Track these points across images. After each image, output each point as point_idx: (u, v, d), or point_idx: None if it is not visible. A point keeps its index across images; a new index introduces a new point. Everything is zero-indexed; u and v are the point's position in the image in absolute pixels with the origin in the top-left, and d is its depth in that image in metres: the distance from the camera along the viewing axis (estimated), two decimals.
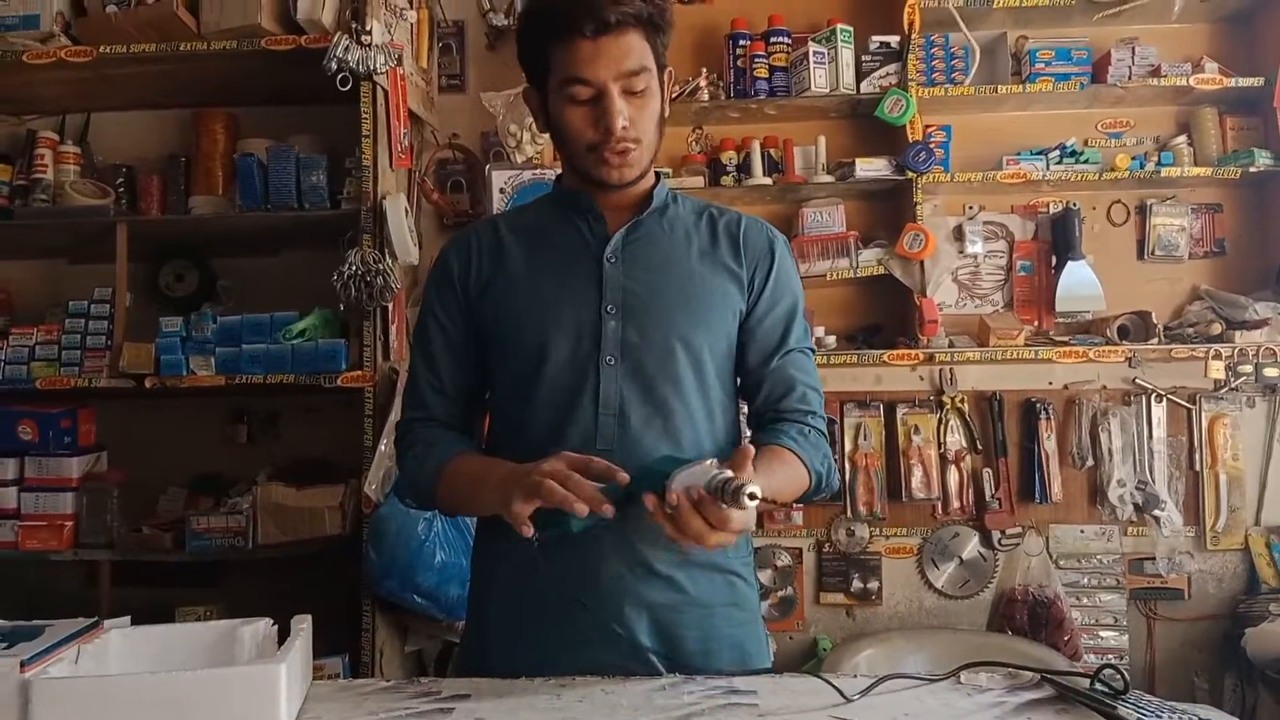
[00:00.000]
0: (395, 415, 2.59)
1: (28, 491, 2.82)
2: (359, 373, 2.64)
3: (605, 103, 1.34)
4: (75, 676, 1.09)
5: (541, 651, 1.36)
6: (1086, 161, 3.03)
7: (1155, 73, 2.98)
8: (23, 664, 1.01)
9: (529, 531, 1.18)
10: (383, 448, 2.56)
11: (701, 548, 1.16)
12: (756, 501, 1.09)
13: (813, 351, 1.54)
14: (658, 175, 1.51)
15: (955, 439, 3.07)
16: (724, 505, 1.10)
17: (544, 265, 1.46)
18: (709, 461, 1.14)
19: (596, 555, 1.35)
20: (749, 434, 1.51)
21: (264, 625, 1.28)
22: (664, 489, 1.13)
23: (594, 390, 1.38)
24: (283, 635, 1.22)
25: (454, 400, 1.51)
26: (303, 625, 1.21)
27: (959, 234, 3.11)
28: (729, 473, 1.11)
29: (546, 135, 2.73)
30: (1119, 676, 1.14)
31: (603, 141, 1.36)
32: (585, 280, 1.42)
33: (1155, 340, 2.91)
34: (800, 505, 3.02)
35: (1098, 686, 1.15)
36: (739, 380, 1.51)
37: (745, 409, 1.54)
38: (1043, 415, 3.05)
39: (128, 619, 1.25)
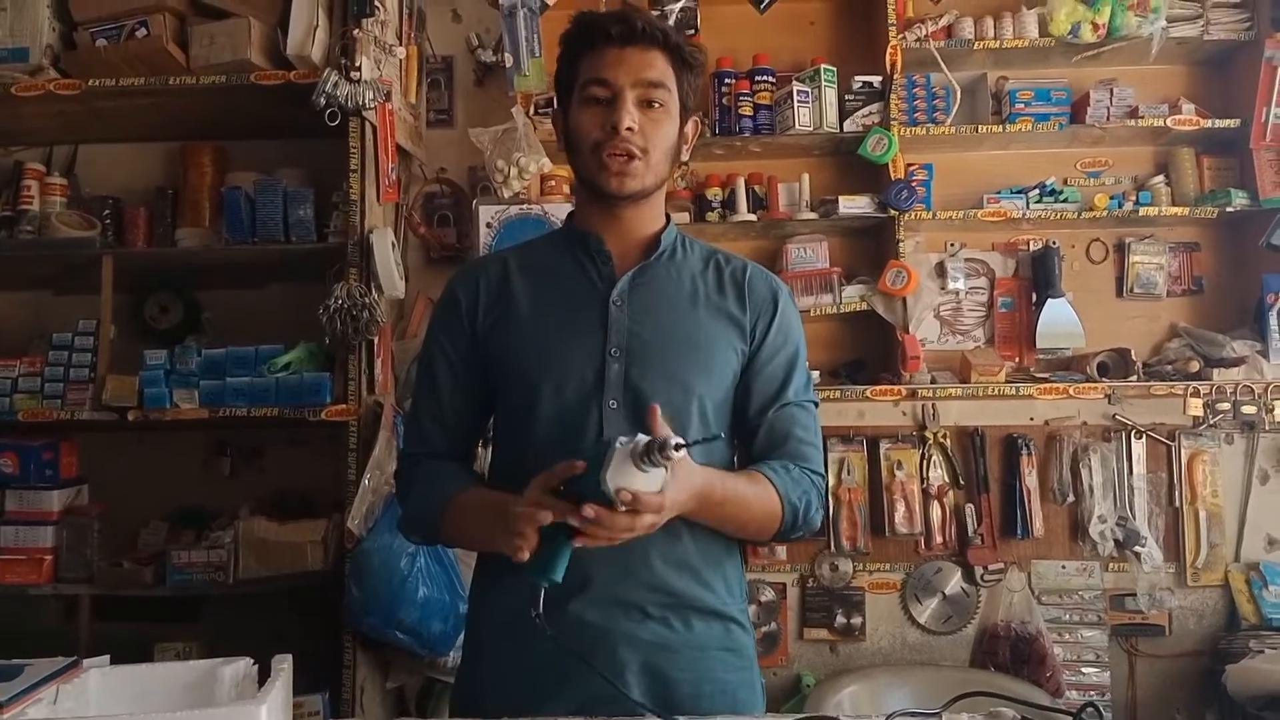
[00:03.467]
0: (379, 450, 2.58)
1: (7, 525, 2.78)
2: (344, 406, 2.64)
3: (617, 103, 1.38)
4: (54, 718, 1.08)
5: (536, 690, 1.35)
6: (1066, 200, 3.07)
7: (1133, 113, 3.03)
8: (1, 705, 1.01)
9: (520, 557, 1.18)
10: (366, 482, 2.55)
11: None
12: (684, 451, 1.11)
13: (815, 405, 1.53)
14: (668, 218, 1.53)
15: (938, 474, 3.08)
16: (656, 465, 1.12)
17: (550, 305, 1.46)
18: (619, 439, 1.15)
19: (588, 597, 1.35)
20: None
21: (244, 665, 1.27)
22: (600, 492, 1.14)
23: (596, 432, 1.38)
24: (263, 674, 1.21)
25: (454, 432, 1.51)
26: (283, 665, 1.20)
27: (941, 271, 3.14)
28: (641, 439, 1.13)
29: (533, 170, 2.79)
30: (1099, 716, 1.14)
31: (607, 140, 1.38)
32: (590, 322, 1.43)
33: (1134, 377, 2.94)
34: (783, 542, 3.01)
35: None
36: (737, 429, 1.50)
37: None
38: (1024, 451, 3.06)
39: (106, 658, 1.24)
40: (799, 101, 2.99)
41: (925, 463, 3.08)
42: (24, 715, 1.03)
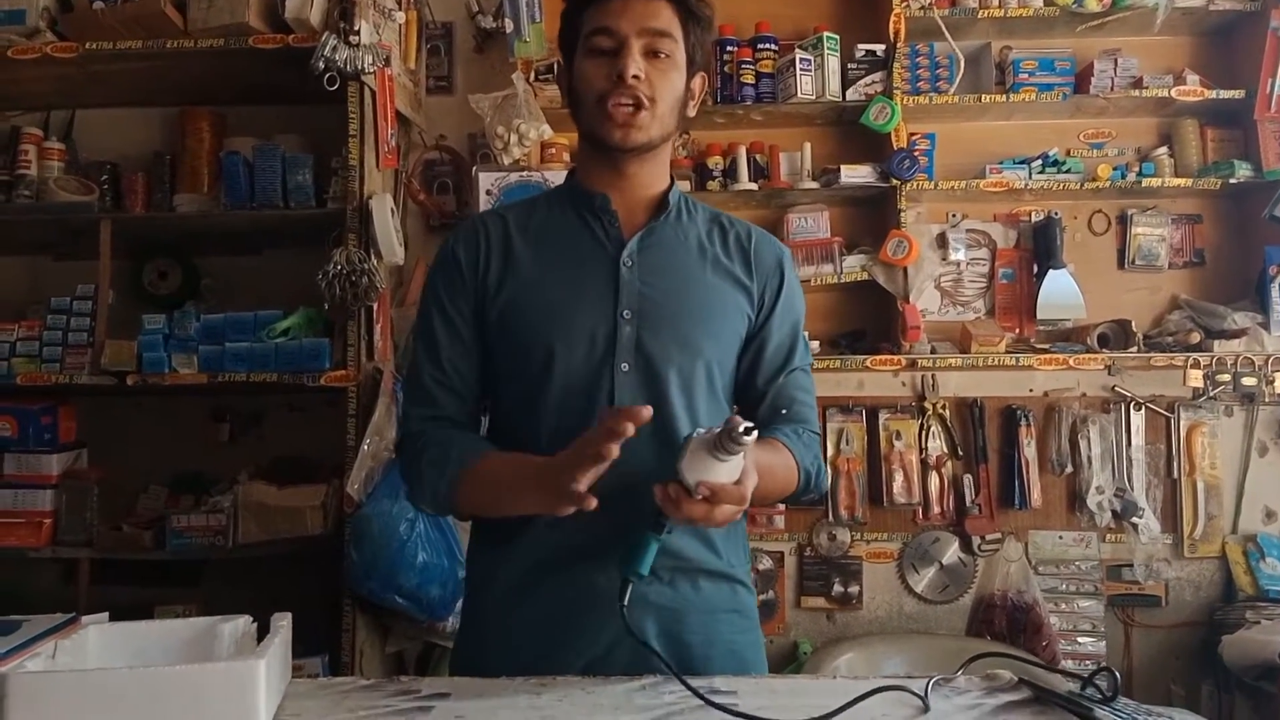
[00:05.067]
0: (378, 415, 2.59)
1: (6, 488, 2.79)
2: (343, 372, 2.64)
3: (622, 52, 1.35)
4: (52, 671, 1.08)
5: (543, 649, 1.35)
6: (1068, 171, 3.05)
7: (1137, 84, 3.01)
8: None
9: (592, 503, 1.17)
10: (365, 447, 2.56)
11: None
12: (754, 435, 1.11)
13: (810, 367, 1.54)
14: (672, 179, 1.51)
15: (936, 444, 3.09)
16: (729, 454, 1.12)
17: (557, 266, 1.43)
18: (697, 430, 1.16)
19: (600, 562, 1.34)
20: None
21: (243, 622, 1.27)
22: (678, 479, 1.16)
23: (608, 397, 1.36)
24: (262, 633, 1.22)
25: (460, 395, 1.45)
26: (282, 622, 1.20)
27: (942, 241, 3.13)
28: (715, 428, 1.13)
29: (533, 136, 2.77)
30: (1113, 680, 1.13)
31: (612, 90, 1.36)
32: (600, 283, 1.40)
33: (1135, 349, 2.94)
34: (783, 508, 3.03)
35: (1089, 691, 1.15)
36: (739, 392, 1.50)
37: None
38: (1023, 422, 3.07)
39: (105, 615, 1.24)
40: (801, 70, 2.97)
41: (924, 433, 3.09)
42: (22, 668, 1.03)
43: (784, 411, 1.46)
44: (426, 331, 1.48)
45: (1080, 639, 3.01)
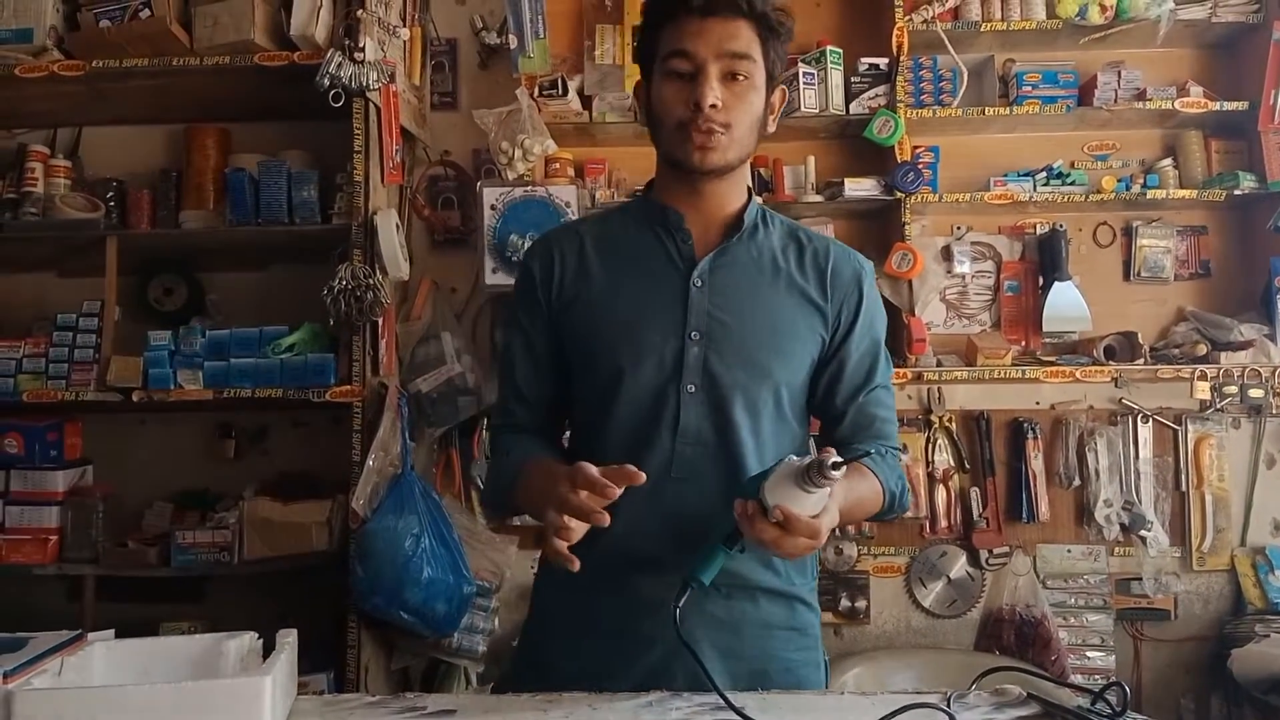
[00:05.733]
0: (383, 431, 2.59)
1: (12, 505, 2.80)
2: (348, 387, 2.64)
3: (700, 78, 1.34)
4: (58, 688, 1.08)
5: (592, 659, 1.37)
6: (1073, 183, 3.05)
7: (1141, 96, 3.01)
8: (5, 675, 1.01)
9: (564, 551, 1.19)
10: (370, 463, 2.56)
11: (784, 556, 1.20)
12: (842, 470, 1.10)
13: (892, 385, 1.52)
14: (750, 193, 1.49)
15: (943, 458, 3.08)
16: (815, 487, 1.12)
17: (627, 282, 1.43)
18: (789, 457, 1.16)
19: (661, 573, 1.34)
20: None
21: (249, 639, 1.27)
22: (759, 498, 1.16)
23: (673, 418, 1.37)
24: (268, 650, 1.21)
25: (534, 408, 1.49)
26: (288, 639, 1.20)
27: (947, 254, 3.13)
28: (806, 459, 1.13)
29: (537, 151, 2.78)
30: (1123, 694, 1.12)
31: (691, 119, 1.34)
32: (670, 302, 1.39)
33: (1141, 361, 2.92)
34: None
35: (1099, 706, 1.14)
36: (818, 411, 1.49)
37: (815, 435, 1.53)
38: (1030, 435, 3.06)
39: (111, 632, 1.24)
40: (805, 83, 2.97)
41: (930, 446, 3.08)
42: (28, 685, 1.03)
43: (866, 432, 1.45)
44: (506, 348, 1.52)
45: (1089, 653, 2.99)
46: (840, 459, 1.10)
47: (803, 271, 1.46)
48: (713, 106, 1.33)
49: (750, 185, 1.52)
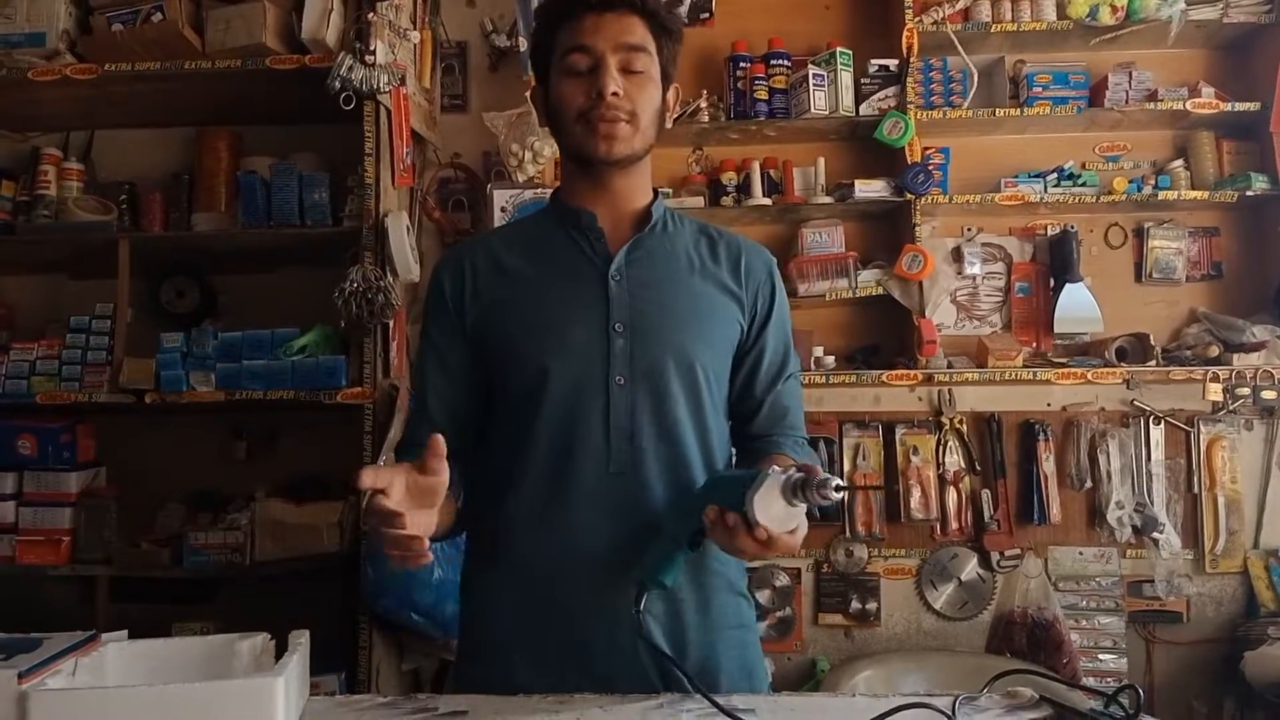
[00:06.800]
0: (395, 432, 2.59)
1: (26, 506, 2.81)
2: (359, 389, 2.65)
3: (600, 69, 1.36)
4: (72, 689, 1.08)
5: (544, 664, 1.35)
6: (1084, 184, 3.05)
7: (1152, 97, 3.00)
8: (20, 676, 1.01)
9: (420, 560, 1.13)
10: (381, 464, 2.56)
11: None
12: (843, 494, 1.12)
13: (800, 375, 1.55)
14: (656, 193, 1.51)
15: (954, 460, 3.07)
16: (807, 501, 1.12)
17: (545, 283, 1.44)
18: (773, 468, 1.15)
19: (607, 574, 1.34)
20: (734, 453, 1.51)
21: (261, 640, 1.27)
22: (741, 504, 1.14)
23: (603, 412, 1.37)
24: (280, 650, 1.22)
25: (437, 426, 1.43)
26: (300, 640, 1.21)
27: (957, 255, 3.13)
28: (801, 473, 1.13)
29: (547, 154, 2.79)
30: (1136, 697, 1.12)
31: (593, 107, 1.36)
32: (591, 299, 1.40)
33: (1153, 362, 2.92)
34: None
35: (1112, 709, 1.14)
36: (733, 404, 1.50)
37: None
38: (1041, 436, 3.05)
39: (124, 633, 1.25)
40: (814, 85, 2.97)
41: (941, 448, 3.07)
42: (43, 685, 1.04)
43: (781, 422, 1.48)
44: (418, 364, 1.52)
45: (1101, 656, 2.99)
46: (843, 482, 1.10)
47: (716, 262, 1.48)
48: (615, 94, 1.35)
49: (655, 186, 1.53)
